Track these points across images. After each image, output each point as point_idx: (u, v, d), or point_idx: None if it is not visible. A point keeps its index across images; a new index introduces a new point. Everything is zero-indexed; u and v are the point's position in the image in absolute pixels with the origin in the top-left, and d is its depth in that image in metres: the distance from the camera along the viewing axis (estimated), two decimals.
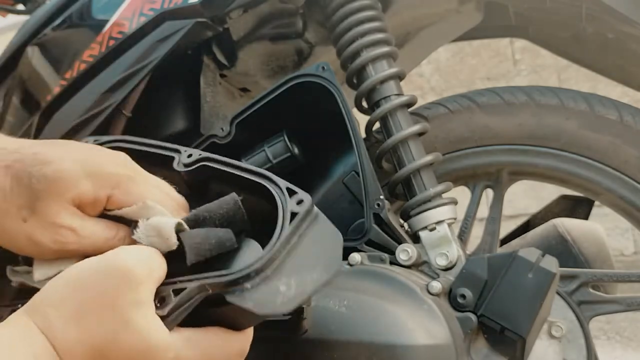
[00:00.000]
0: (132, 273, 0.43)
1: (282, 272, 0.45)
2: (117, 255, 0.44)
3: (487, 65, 3.32)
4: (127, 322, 0.42)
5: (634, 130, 0.84)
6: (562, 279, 0.81)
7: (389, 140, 0.82)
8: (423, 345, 0.65)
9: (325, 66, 0.80)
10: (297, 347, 0.66)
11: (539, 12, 1.00)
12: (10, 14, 1.26)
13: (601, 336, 2.13)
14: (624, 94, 2.27)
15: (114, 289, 0.42)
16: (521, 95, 0.90)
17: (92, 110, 0.91)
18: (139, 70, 0.88)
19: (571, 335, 0.80)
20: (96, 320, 0.42)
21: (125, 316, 0.42)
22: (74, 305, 0.42)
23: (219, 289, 0.44)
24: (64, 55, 0.95)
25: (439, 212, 0.78)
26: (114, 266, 0.43)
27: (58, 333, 0.41)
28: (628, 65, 1.01)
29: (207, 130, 0.92)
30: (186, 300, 0.44)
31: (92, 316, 0.42)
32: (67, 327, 0.41)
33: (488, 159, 0.91)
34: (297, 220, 0.47)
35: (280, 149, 0.82)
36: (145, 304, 0.43)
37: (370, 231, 0.77)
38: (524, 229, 1.06)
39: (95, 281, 0.43)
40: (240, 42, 0.94)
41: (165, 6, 0.87)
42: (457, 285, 0.72)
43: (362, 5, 0.85)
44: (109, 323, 0.42)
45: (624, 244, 3.03)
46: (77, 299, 0.42)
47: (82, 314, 0.42)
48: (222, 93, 1.00)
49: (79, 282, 0.43)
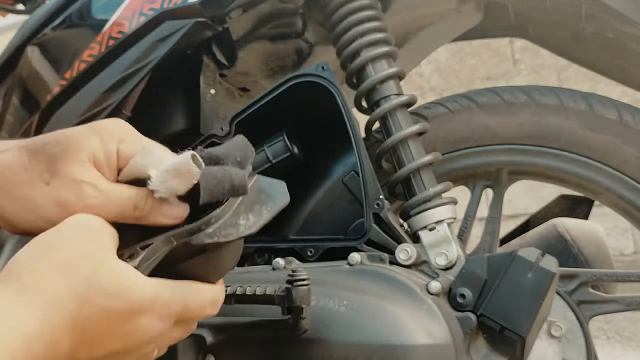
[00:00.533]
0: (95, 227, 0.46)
1: (239, 213, 0.50)
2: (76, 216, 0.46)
3: (487, 65, 3.32)
4: (103, 266, 0.44)
5: (634, 130, 0.84)
6: (562, 279, 0.81)
7: (389, 140, 0.82)
8: (423, 345, 0.65)
9: (325, 66, 0.80)
10: (297, 347, 0.66)
11: (539, 12, 1.00)
12: (10, 14, 1.26)
13: (601, 336, 2.13)
14: (624, 94, 2.27)
15: (83, 239, 0.44)
16: (521, 95, 0.90)
17: (92, 110, 0.91)
18: (139, 70, 0.88)
19: (571, 335, 0.81)
20: (73, 269, 0.43)
21: (100, 261, 0.44)
22: (47, 262, 0.43)
23: (183, 238, 0.47)
24: (64, 55, 0.95)
25: (438, 212, 0.78)
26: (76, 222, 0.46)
27: (37, 291, 0.41)
28: (628, 65, 1.01)
29: (207, 130, 0.92)
30: (153, 254, 0.47)
31: (68, 267, 0.43)
32: (45, 282, 0.42)
33: (488, 159, 0.90)
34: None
35: (280, 149, 0.82)
36: (113, 253, 0.45)
37: (370, 231, 0.77)
38: (524, 229, 1.06)
39: (62, 237, 0.44)
40: (240, 42, 0.94)
41: (165, 6, 0.87)
42: (457, 285, 0.72)
43: (362, 5, 0.85)
44: (86, 269, 0.43)
45: (624, 244, 3.03)
46: (48, 256, 0.43)
47: (56, 267, 0.42)
48: (222, 93, 1.00)
49: (46, 242, 0.44)
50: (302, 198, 0.88)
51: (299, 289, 0.62)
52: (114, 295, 0.43)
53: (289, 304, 0.63)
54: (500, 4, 1.01)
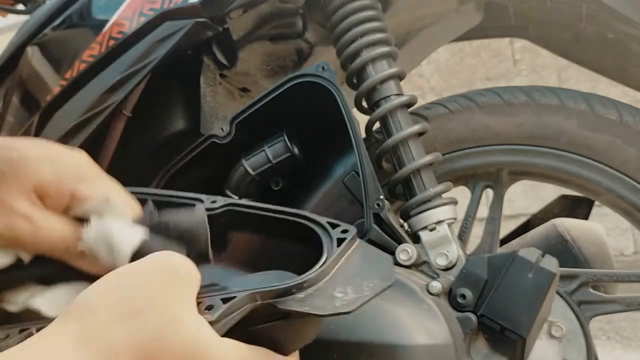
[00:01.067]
0: (179, 272, 0.42)
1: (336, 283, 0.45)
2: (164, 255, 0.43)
3: (487, 65, 3.32)
4: (174, 320, 0.39)
5: (634, 130, 0.84)
6: (562, 279, 0.81)
7: (389, 140, 0.82)
8: (423, 345, 0.65)
9: (325, 66, 0.80)
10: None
11: (539, 12, 1.00)
12: (10, 14, 1.26)
13: (601, 336, 2.13)
14: (624, 94, 2.27)
15: (160, 287, 0.40)
16: (521, 95, 0.90)
17: (92, 110, 0.91)
18: (139, 70, 0.88)
19: (571, 335, 0.80)
20: (141, 319, 0.38)
21: (172, 313, 0.39)
22: (115, 307, 0.39)
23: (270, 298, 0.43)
24: (64, 55, 0.95)
25: (439, 212, 0.78)
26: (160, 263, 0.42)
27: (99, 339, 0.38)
28: (628, 65, 1.01)
29: (207, 130, 0.92)
30: (236, 308, 0.42)
31: (135, 316, 0.39)
32: (109, 331, 0.38)
33: (488, 159, 0.90)
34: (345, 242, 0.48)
35: (280, 149, 0.82)
36: (191, 303, 0.41)
37: (370, 231, 0.77)
38: (524, 229, 1.06)
39: (139, 279, 0.41)
40: (240, 42, 0.94)
41: (165, 6, 0.87)
42: (457, 285, 0.72)
43: (362, 5, 0.85)
44: (155, 321, 0.39)
45: (624, 244, 3.03)
46: (117, 300, 0.39)
47: (124, 315, 0.39)
48: (222, 93, 1.00)
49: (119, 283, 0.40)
50: (302, 198, 0.88)
51: None
52: (180, 355, 0.39)
53: None
54: (500, 4, 1.01)
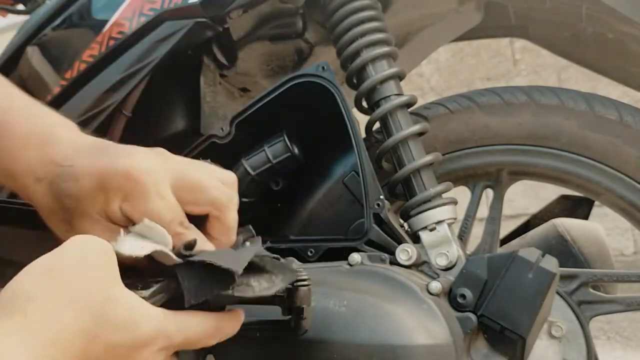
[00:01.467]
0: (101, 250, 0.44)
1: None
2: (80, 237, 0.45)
3: (487, 65, 3.32)
4: (112, 296, 0.42)
5: (634, 130, 0.84)
6: (562, 279, 0.81)
7: (389, 140, 0.82)
8: (423, 345, 0.65)
9: (325, 66, 0.80)
10: (297, 348, 0.66)
11: (539, 12, 1.00)
12: (10, 14, 1.26)
13: (601, 336, 2.13)
14: (624, 94, 2.27)
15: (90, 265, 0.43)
16: (521, 95, 0.90)
17: (92, 110, 0.91)
18: (139, 70, 0.88)
19: (571, 335, 0.80)
20: (81, 303, 0.41)
21: (109, 293, 0.43)
22: (56, 294, 0.41)
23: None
24: (64, 55, 0.95)
25: (439, 212, 0.78)
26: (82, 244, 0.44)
27: (48, 329, 0.39)
28: (628, 65, 1.01)
29: (207, 130, 0.92)
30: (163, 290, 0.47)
31: (76, 300, 0.41)
32: (55, 319, 0.40)
33: (488, 159, 0.90)
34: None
35: (280, 149, 0.82)
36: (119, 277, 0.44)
37: (370, 231, 0.77)
38: (524, 229, 1.06)
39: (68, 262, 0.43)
40: (240, 42, 0.94)
41: (165, 6, 0.87)
42: (457, 285, 0.72)
43: (362, 5, 0.85)
44: (96, 303, 0.41)
45: (624, 244, 3.03)
46: (56, 287, 0.41)
47: (66, 301, 0.41)
48: (222, 93, 1.00)
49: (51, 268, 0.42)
50: (302, 198, 0.88)
51: (299, 289, 0.62)
52: (121, 329, 0.42)
53: (289, 304, 0.63)
54: (500, 4, 1.01)
